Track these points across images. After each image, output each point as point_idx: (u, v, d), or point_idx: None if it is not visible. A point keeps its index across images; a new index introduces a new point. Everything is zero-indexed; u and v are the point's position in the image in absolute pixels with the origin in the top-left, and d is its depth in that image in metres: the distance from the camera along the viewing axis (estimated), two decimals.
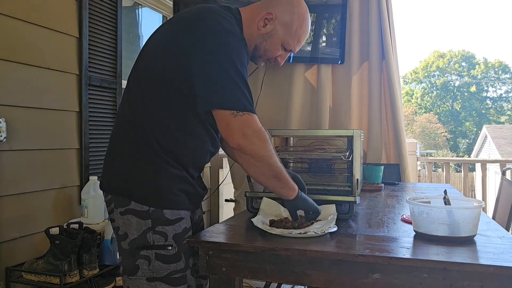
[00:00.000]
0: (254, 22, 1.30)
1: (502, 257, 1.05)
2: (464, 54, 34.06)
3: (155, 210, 1.20)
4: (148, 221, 1.20)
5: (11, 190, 1.87)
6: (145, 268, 1.19)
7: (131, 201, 1.21)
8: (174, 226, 1.22)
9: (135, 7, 3.14)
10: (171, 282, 1.20)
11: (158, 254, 1.20)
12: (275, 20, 1.29)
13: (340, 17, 2.85)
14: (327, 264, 1.12)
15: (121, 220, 1.23)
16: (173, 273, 1.21)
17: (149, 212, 1.20)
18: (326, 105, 2.94)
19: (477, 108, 32.68)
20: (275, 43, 1.31)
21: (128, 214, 1.21)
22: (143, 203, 1.20)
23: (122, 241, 1.23)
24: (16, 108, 1.90)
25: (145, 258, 1.20)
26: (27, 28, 1.96)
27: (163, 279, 1.20)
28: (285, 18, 1.30)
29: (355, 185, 1.60)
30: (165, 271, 1.20)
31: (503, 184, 2.41)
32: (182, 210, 1.25)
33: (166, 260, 1.20)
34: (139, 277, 1.20)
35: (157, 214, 1.20)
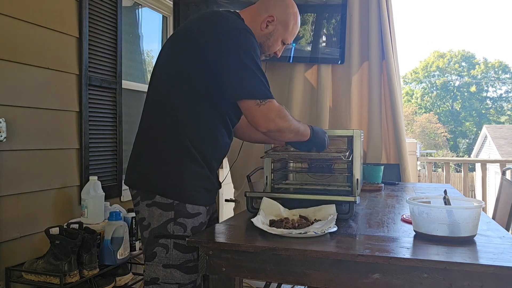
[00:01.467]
0: (256, 24, 1.46)
1: (502, 257, 1.05)
2: (464, 54, 34.05)
3: (178, 203, 1.32)
4: (170, 213, 1.31)
5: (11, 190, 1.87)
6: (162, 256, 1.31)
7: (156, 195, 1.32)
8: (193, 219, 1.34)
9: (135, 7, 3.14)
10: (185, 270, 1.31)
11: (177, 243, 1.31)
12: (276, 21, 1.48)
13: (340, 17, 2.85)
14: (327, 264, 1.12)
15: (147, 211, 1.34)
16: (187, 262, 1.32)
17: (173, 205, 1.32)
18: (326, 105, 2.94)
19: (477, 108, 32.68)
20: (276, 40, 1.51)
21: (153, 206, 1.33)
22: (167, 197, 1.32)
23: (145, 230, 1.35)
24: (16, 108, 1.90)
25: (163, 246, 1.31)
26: (27, 28, 1.96)
27: (178, 267, 1.31)
28: (283, 18, 1.49)
29: (355, 185, 1.60)
30: (181, 259, 1.31)
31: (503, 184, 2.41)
32: (201, 206, 1.36)
33: (184, 249, 1.31)
34: (155, 263, 1.31)
35: (180, 207, 1.32)
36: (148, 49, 3.40)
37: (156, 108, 1.38)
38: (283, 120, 1.34)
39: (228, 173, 3.07)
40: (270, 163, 1.71)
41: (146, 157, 1.36)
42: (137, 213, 1.40)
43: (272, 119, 1.31)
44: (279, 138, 1.42)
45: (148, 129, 1.39)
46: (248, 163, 2.97)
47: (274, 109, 1.32)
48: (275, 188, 1.76)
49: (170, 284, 1.31)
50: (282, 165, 1.90)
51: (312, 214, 1.45)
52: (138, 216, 1.39)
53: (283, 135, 1.39)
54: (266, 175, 1.72)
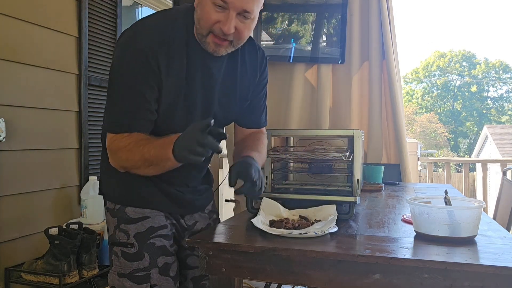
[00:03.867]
0: None
1: (503, 257, 1.05)
2: (465, 53, 34.05)
3: (119, 208, 1.28)
4: (115, 219, 1.28)
5: (11, 190, 1.86)
6: (116, 264, 1.27)
7: (107, 201, 1.32)
8: (136, 225, 1.26)
9: (134, 7, 3.14)
10: (134, 279, 1.24)
11: (123, 251, 1.26)
12: None
13: (340, 17, 2.85)
14: (327, 264, 1.12)
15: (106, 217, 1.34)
16: (136, 271, 1.24)
17: (115, 210, 1.28)
18: (326, 105, 2.93)
19: (478, 108, 32.67)
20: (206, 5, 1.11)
21: (107, 212, 1.33)
22: (111, 201, 1.30)
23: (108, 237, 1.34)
24: (15, 108, 1.90)
25: (115, 254, 1.27)
26: (27, 28, 1.96)
27: (128, 276, 1.25)
28: None
29: (355, 185, 1.60)
30: (129, 268, 1.25)
31: (504, 184, 2.40)
32: (146, 209, 1.27)
33: (129, 257, 1.25)
34: (112, 271, 1.28)
35: (120, 212, 1.27)
36: None
37: None
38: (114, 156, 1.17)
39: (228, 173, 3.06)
40: (270, 163, 1.70)
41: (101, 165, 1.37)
42: None
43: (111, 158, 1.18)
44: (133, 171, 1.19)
45: None
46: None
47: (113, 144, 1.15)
48: (275, 188, 1.75)
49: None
50: (282, 165, 1.90)
51: (312, 214, 1.45)
52: None
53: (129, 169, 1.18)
54: (266, 175, 1.72)
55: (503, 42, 58.37)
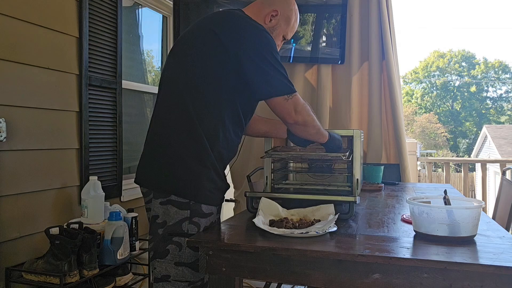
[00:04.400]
0: (260, 18, 1.50)
1: (502, 257, 1.05)
2: (464, 54, 34.05)
3: (195, 203, 1.34)
4: (186, 212, 1.33)
5: (11, 190, 1.87)
6: (175, 254, 1.32)
7: (171, 195, 1.34)
8: (206, 219, 1.36)
9: (135, 7, 3.14)
10: (195, 268, 1.33)
11: None
12: (279, 15, 1.52)
13: (340, 17, 2.86)
14: (327, 264, 1.12)
15: (161, 209, 1.35)
16: (197, 261, 1.31)
17: (189, 204, 1.33)
18: (326, 105, 2.94)
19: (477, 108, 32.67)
20: (278, 34, 1.54)
21: (168, 204, 1.34)
22: (183, 197, 1.33)
23: (159, 228, 1.35)
24: (16, 108, 1.90)
25: (177, 244, 1.33)
26: (27, 28, 1.96)
27: (190, 265, 1.33)
28: (286, 13, 1.54)
29: (355, 185, 1.60)
30: (193, 258, 1.33)
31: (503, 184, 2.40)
32: (213, 206, 1.39)
33: (196, 248, 1.30)
34: (167, 260, 1.33)
35: (196, 206, 1.34)
36: (148, 49, 3.40)
37: (173, 109, 1.38)
38: (308, 114, 1.42)
39: (228, 173, 3.07)
40: (270, 163, 1.71)
41: (162, 157, 1.37)
42: (148, 210, 1.43)
43: (299, 111, 1.39)
44: (302, 131, 1.47)
45: (164, 129, 1.39)
46: (248, 163, 2.98)
47: (300, 102, 1.40)
48: (275, 188, 1.76)
49: (181, 282, 1.33)
50: (282, 165, 1.90)
51: (311, 214, 1.45)
52: (150, 214, 1.40)
53: (307, 129, 1.46)
54: (266, 175, 1.72)
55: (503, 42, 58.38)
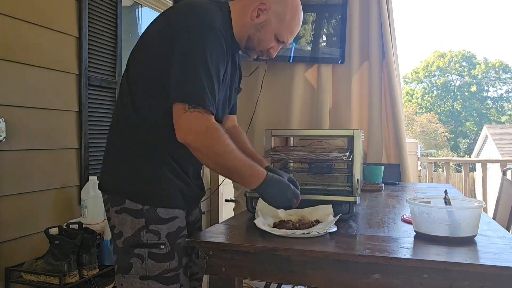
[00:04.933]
0: (246, 13, 1.29)
1: (503, 257, 1.05)
2: (464, 54, 34.04)
3: (149, 208, 1.22)
4: (141, 220, 1.21)
5: (11, 190, 1.86)
6: (138, 267, 1.21)
7: (126, 200, 1.22)
8: (168, 225, 1.23)
9: (135, 7, 3.14)
10: (163, 281, 1.21)
11: (151, 252, 1.21)
12: (269, 10, 1.29)
13: (340, 17, 2.85)
14: (327, 264, 1.12)
15: (116, 218, 1.24)
16: (165, 272, 1.21)
17: (143, 211, 1.21)
18: (327, 105, 2.94)
19: (478, 108, 32.66)
20: (268, 33, 1.31)
21: (123, 212, 1.23)
22: (137, 201, 1.22)
23: (118, 239, 1.25)
24: (16, 108, 1.90)
25: (138, 256, 1.21)
26: (27, 28, 1.96)
27: (156, 278, 1.20)
28: (278, 8, 1.30)
29: (355, 185, 1.60)
30: (158, 269, 1.21)
31: (503, 184, 2.40)
32: (176, 209, 1.26)
33: (159, 259, 1.21)
34: (132, 275, 1.21)
35: (151, 212, 1.22)
36: None
37: (122, 108, 1.27)
38: (206, 140, 1.14)
39: None
40: (271, 163, 1.71)
41: (114, 158, 1.28)
42: (108, 220, 1.30)
43: (194, 131, 1.12)
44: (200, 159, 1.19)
45: (115, 127, 1.29)
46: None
47: (202, 122, 1.12)
48: None
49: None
50: (282, 165, 1.90)
51: (309, 214, 1.45)
52: (109, 224, 1.29)
53: (201, 157, 1.17)
54: None
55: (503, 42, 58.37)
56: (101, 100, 2.43)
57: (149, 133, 1.23)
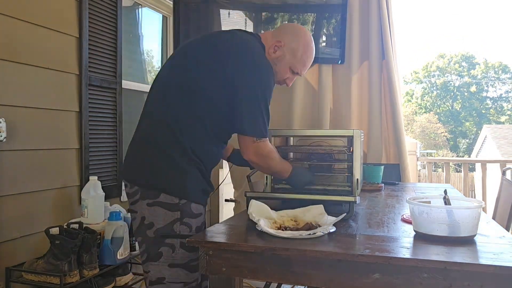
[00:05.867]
0: (267, 48, 1.51)
1: (502, 257, 1.05)
2: (464, 54, 34.04)
3: (185, 203, 1.35)
4: (177, 213, 1.34)
5: (11, 190, 1.87)
6: (168, 255, 1.33)
7: (161, 194, 1.34)
8: (197, 219, 1.38)
9: (135, 7, 3.14)
10: (190, 269, 1.35)
11: (183, 243, 1.33)
12: (284, 46, 1.51)
13: (340, 17, 2.86)
14: (327, 264, 1.12)
15: (147, 210, 1.35)
16: (191, 261, 1.35)
17: (179, 205, 1.34)
18: (327, 106, 2.94)
19: (477, 108, 32.67)
20: (283, 66, 1.53)
21: (156, 205, 1.34)
22: (176, 195, 1.34)
23: (148, 230, 1.35)
24: (16, 108, 1.90)
25: (170, 246, 1.33)
26: (27, 28, 1.96)
27: (184, 266, 1.34)
28: (292, 45, 1.52)
29: (355, 185, 1.60)
30: (186, 258, 1.34)
31: (503, 184, 2.40)
32: (202, 206, 1.41)
33: (189, 249, 1.33)
34: (161, 263, 1.33)
35: (186, 207, 1.35)
36: (148, 49, 3.40)
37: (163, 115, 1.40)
38: (267, 160, 1.48)
39: (228, 173, 3.07)
40: None
41: (151, 156, 1.38)
42: (133, 212, 1.40)
43: (259, 155, 1.44)
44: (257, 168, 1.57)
45: (153, 131, 1.41)
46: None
47: (265, 149, 1.44)
48: (275, 188, 1.76)
49: (176, 283, 1.33)
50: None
51: (301, 214, 1.44)
52: (135, 215, 1.39)
53: (261, 169, 1.55)
54: (266, 175, 1.72)
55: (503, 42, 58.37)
56: (102, 100, 2.43)
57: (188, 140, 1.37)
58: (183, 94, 1.38)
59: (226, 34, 1.48)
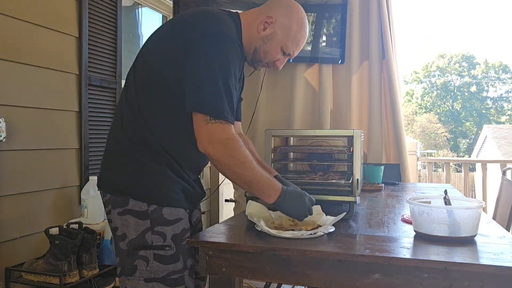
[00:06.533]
0: (254, 26, 1.33)
1: (502, 257, 1.05)
2: (464, 54, 34.05)
3: (154, 210, 1.21)
4: (147, 221, 1.21)
5: (11, 190, 1.86)
6: (143, 269, 1.20)
7: (129, 201, 1.21)
8: (173, 226, 1.23)
9: (135, 7, 3.14)
10: (168, 283, 1.20)
11: (157, 254, 1.20)
12: (275, 23, 1.32)
13: (340, 17, 2.85)
14: (327, 264, 1.12)
15: (119, 221, 1.23)
16: (171, 274, 1.21)
17: (148, 212, 1.21)
18: (328, 106, 2.94)
19: (478, 108, 32.67)
20: (274, 46, 1.34)
21: (126, 214, 1.22)
22: (141, 200, 1.21)
23: (121, 241, 1.24)
24: (16, 108, 1.90)
25: (143, 258, 1.20)
26: (27, 28, 1.96)
27: (161, 280, 1.20)
28: (285, 21, 1.33)
29: (355, 185, 1.60)
30: (163, 271, 1.20)
31: (503, 184, 2.40)
32: (180, 210, 1.26)
33: (164, 260, 1.20)
34: (136, 277, 1.20)
35: (156, 214, 1.21)
36: None
37: (126, 107, 1.27)
38: (226, 152, 1.18)
39: None
40: (271, 163, 1.71)
41: (117, 158, 1.26)
42: (109, 222, 1.29)
43: (214, 143, 1.16)
44: (219, 170, 1.23)
45: (118, 128, 1.29)
46: None
47: (221, 134, 1.16)
48: None
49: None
50: (282, 165, 1.90)
51: None
52: (110, 226, 1.28)
53: (221, 168, 1.21)
54: None
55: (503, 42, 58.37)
56: (101, 100, 2.43)
57: (153, 134, 1.23)
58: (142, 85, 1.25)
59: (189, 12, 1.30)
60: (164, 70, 1.22)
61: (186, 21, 1.25)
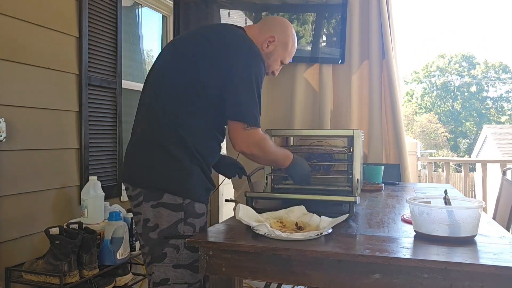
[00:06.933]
0: (258, 43, 1.51)
1: (503, 257, 1.05)
2: (464, 54, 34.04)
3: (188, 204, 1.35)
4: (180, 213, 1.35)
5: (11, 190, 1.87)
6: (172, 256, 1.34)
7: (164, 195, 1.34)
8: (200, 219, 1.39)
9: (135, 7, 3.14)
10: (194, 269, 1.35)
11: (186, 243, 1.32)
12: (276, 41, 1.55)
13: (340, 17, 2.85)
14: (327, 264, 1.12)
15: (152, 212, 1.35)
16: (195, 261, 1.34)
17: (183, 205, 1.35)
18: (328, 106, 2.93)
19: (478, 108, 32.66)
20: (276, 59, 1.59)
21: (160, 207, 1.34)
22: (177, 195, 1.35)
23: (151, 232, 1.36)
24: (16, 108, 1.90)
25: (174, 247, 1.34)
26: (27, 28, 1.96)
27: (188, 266, 1.35)
28: (283, 39, 1.57)
29: (355, 185, 1.60)
30: (190, 259, 1.35)
31: (503, 184, 2.40)
32: (204, 206, 1.42)
33: (193, 249, 1.33)
34: (166, 264, 1.34)
35: (189, 207, 1.36)
36: (148, 49, 3.40)
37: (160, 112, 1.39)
38: (259, 149, 1.42)
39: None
40: None
41: (152, 156, 1.37)
42: (136, 214, 1.39)
43: (250, 145, 1.40)
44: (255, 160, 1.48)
45: (152, 131, 1.40)
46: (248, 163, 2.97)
47: (256, 137, 1.40)
48: (275, 188, 1.76)
49: (180, 284, 1.34)
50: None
51: (286, 216, 1.43)
52: (139, 217, 1.38)
53: (257, 160, 1.48)
54: (266, 175, 1.72)
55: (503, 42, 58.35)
56: (101, 100, 2.43)
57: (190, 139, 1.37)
58: (178, 90, 1.38)
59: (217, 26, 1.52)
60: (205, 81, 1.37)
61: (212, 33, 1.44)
